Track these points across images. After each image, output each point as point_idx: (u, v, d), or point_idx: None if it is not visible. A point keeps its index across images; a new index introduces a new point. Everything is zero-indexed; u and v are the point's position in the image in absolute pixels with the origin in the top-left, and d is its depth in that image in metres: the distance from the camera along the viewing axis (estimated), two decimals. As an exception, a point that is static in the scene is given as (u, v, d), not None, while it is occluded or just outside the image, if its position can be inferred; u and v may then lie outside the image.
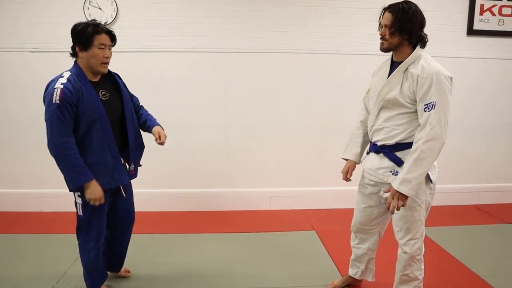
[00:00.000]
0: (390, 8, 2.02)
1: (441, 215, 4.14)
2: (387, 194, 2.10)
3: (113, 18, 3.89)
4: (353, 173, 2.48)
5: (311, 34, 4.07)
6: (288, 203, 4.26)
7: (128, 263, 2.81)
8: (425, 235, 3.43)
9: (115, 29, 3.83)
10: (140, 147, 2.53)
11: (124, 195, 2.39)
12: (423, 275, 2.27)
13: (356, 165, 2.49)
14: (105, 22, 3.86)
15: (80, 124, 2.14)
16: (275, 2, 4.00)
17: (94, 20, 2.23)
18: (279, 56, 4.07)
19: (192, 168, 4.18)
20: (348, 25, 3.99)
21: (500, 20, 4.24)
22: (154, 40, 3.96)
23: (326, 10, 4.03)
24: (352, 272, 2.62)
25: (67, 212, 4.01)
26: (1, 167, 4.10)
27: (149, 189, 4.00)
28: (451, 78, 1.99)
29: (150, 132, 2.48)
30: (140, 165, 2.61)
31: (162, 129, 2.49)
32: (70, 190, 2.29)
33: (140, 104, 2.66)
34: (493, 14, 4.22)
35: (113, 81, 2.40)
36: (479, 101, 4.37)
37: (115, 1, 3.87)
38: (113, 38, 2.26)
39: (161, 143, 2.42)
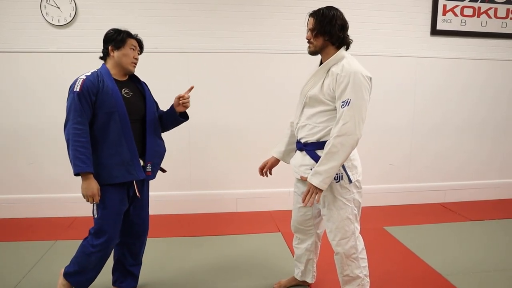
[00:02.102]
0: (312, 13, 2.15)
1: (407, 214, 4.19)
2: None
3: (72, 17, 3.77)
4: (283, 168, 2.60)
5: (276, 33, 4.06)
6: (255, 205, 4.23)
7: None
8: (391, 234, 3.54)
9: (74, 29, 3.81)
10: (160, 150, 2.52)
11: (138, 194, 2.36)
12: (365, 272, 2.28)
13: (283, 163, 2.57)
14: (64, 22, 3.77)
15: (98, 115, 2.21)
16: (237, 1, 3.97)
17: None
18: (243, 56, 4.04)
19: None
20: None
21: (462, 21, 4.31)
22: (115, 40, 3.86)
23: (291, 9, 4.02)
24: (295, 272, 2.68)
25: (22, 219, 3.90)
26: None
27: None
28: (370, 78, 2.07)
29: (175, 109, 2.54)
30: (165, 171, 2.62)
31: None
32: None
33: None
34: (456, 15, 4.29)
35: (139, 86, 2.47)
36: (441, 100, 4.44)
37: (74, 0, 3.75)
38: (141, 45, 2.41)
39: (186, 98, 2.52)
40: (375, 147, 4.25)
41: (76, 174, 2.17)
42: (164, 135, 3.94)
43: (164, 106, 4.03)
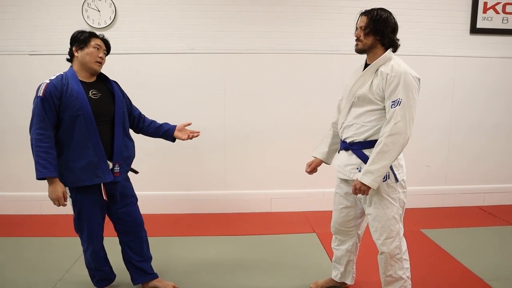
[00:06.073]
0: (366, 12, 2.18)
1: (444, 217, 4.10)
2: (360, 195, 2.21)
3: (111, 20, 3.88)
4: (318, 169, 2.60)
5: (311, 34, 4.05)
6: (289, 205, 4.23)
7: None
8: (428, 237, 3.47)
9: (114, 31, 3.91)
10: (128, 153, 2.48)
11: (106, 197, 2.35)
12: (407, 274, 2.26)
13: (326, 165, 2.59)
14: (104, 24, 3.88)
15: (63, 118, 2.20)
16: (273, 2, 3.98)
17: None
18: (278, 57, 4.05)
19: (192, 170, 4.16)
20: (348, 24, 3.93)
21: (504, 18, 4.18)
22: (152, 42, 3.95)
23: (327, 10, 4.00)
24: (333, 274, 2.66)
25: (66, 215, 4.01)
26: (3, 170, 4.11)
27: (149, 191, 3.98)
28: (419, 79, 2.10)
29: (173, 133, 2.66)
30: (137, 172, 2.61)
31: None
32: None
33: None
34: (497, 12, 4.16)
35: (108, 86, 2.43)
36: (481, 101, 4.32)
37: (113, 3, 3.86)
38: (107, 45, 2.37)
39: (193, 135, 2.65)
40: (411, 148, 4.13)
41: (39, 179, 2.18)
42: (203, 135, 3.97)
43: (200, 106, 4.10)
